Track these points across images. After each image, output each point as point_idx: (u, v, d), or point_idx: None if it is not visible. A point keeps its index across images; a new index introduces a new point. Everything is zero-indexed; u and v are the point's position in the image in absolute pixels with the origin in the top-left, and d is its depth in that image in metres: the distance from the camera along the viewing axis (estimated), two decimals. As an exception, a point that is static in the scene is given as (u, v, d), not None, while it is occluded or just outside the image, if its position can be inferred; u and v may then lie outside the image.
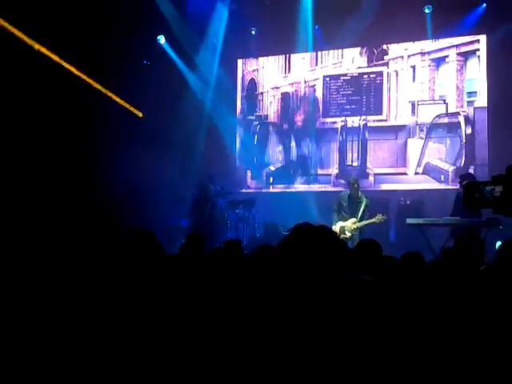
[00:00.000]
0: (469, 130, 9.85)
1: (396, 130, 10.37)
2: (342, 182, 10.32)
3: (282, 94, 11.40)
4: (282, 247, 2.70)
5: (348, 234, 7.98)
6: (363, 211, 8.05)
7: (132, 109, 10.87)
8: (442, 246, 6.81)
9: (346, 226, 8.01)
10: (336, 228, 8.03)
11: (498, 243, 7.41)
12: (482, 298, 2.82)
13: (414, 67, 10.33)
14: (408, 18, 9.68)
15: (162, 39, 11.12)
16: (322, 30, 10.48)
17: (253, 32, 11.04)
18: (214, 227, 9.47)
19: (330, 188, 10.69)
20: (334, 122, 10.85)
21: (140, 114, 10.96)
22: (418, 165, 10.17)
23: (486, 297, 2.81)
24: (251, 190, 11.30)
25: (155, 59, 11.11)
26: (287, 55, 11.32)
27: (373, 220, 7.97)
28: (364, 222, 7.99)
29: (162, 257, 3.90)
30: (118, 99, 10.58)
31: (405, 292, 3.10)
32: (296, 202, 10.27)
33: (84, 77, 9.99)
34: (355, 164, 10.61)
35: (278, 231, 9.41)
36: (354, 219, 8.03)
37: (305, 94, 11.19)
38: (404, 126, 10.31)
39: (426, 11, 9.85)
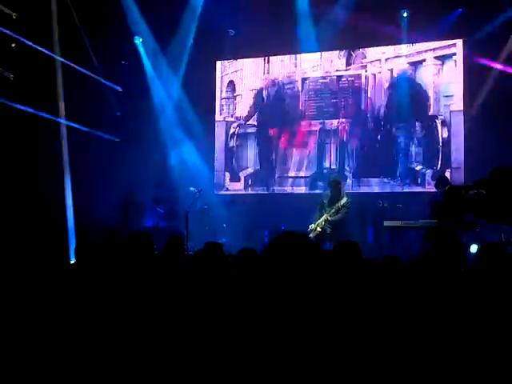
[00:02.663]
0: (445, 134, 9.96)
1: (374, 133, 10.45)
2: (321, 184, 10.37)
3: (260, 96, 11.39)
4: (266, 253, 2.71)
5: (318, 230, 7.99)
6: (337, 208, 8.02)
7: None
8: (419, 248, 6.87)
9: (318, 223, 8.04)
10: (314, 226, 8.06)
11: (473, 246, 7.53)
12: (463, 301, 2.85)
13: (391, 70, 10.42)
14: (385, 22, 9.78)
15: (139, 39, 11.07)
16: (301, 32, 10.49)
17: (231, 33, 11.00)
18: (193, 229, 9.46)
19: (307, 191, 10.73)
20: (313, 125, 10.88)
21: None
22: (395, 168, 10.25)
23: (468, 300, 2.84)
24: (230, 193, 11.29)
25: (133, 59, 11.12)
26: (266, 57, 11.33)
27: (323, 219, 7.98)
28: (324, 217, 7.97)
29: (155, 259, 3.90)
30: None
31: (386, 295, 3.12)
32: (274, 205, 10.31)
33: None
34: (333, 167, 10.65)
35: (257, 234, 9.42)
36: (325, 215, 8.03)
37: (283, 96, 11.21)
38: (381, 129, 10.40)
39: (404, 15, 9.94)
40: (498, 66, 9.31)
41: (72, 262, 5.52)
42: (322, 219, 8.02)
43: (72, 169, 10.17)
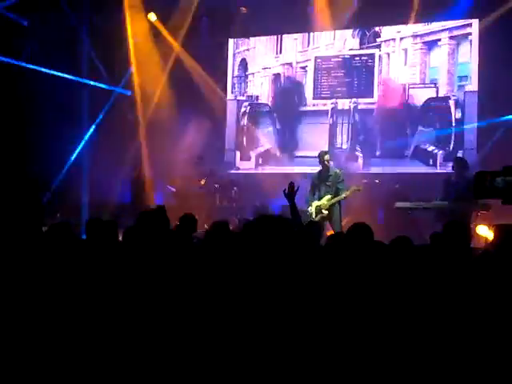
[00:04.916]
0: (458, 115, 9.86)
1: (386, 113, 10.36)
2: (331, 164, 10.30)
3: (273, 74, 11.31)
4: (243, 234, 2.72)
5: (325, 212, 7.74)
6: (336, 185, 7.80)
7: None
8: (430, 230, 6.84)
9: (321, 205, 7.77)
10: (312, 208, 7.83)
11: (481, 227, 7.49)
12: (477, 283, 2.84)
13: (405, 50, 10.29)
14: (401, 1, 9.64)
15: (152, 16, 10.99)
16: (316, 10, 10.38)
17: (243, 10, 10.88)
18: (203, 208, 9.50)
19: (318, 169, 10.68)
20: (325, 104, 10.81)
21: (128, 93, 10.92)
22: (407, 148, 10.18)
23: (482, 282, 2.83)
24: (240, 171, 11.28)
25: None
26: (279, 36, 11.22)
27: (347, 193, 7.70)
28: (338, 197, 7.72)
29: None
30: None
31: (396, 277, 3.12)
32: (285, 184, 10.26)
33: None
34: (344, 146, 10.60)
35: (267, 213, 9.38)
36: (328, 196, 7.79)
37: (296, 75, 11.12)
38: (394, 109, 10.30)
39: (419, -7, 9.78)
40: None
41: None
42: (324, 203, 7.79)
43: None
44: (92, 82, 10.33)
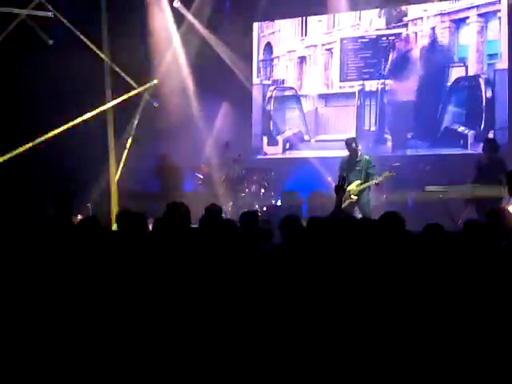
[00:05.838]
0: (489, 93, 9.65)
1: (414, 93, 10.19)
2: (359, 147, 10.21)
3: (298, 57, 11.21)
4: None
5: (354, 198, 7.64)
6: (366, 170, 7.69)
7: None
8: (461, 214, 6.75)
9: (350, 190, 7.61)
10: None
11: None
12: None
13: (433, 29, 10.09)
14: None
15: (177, 2, 10.95)
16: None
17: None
18: (233, 194, 9.57)
19: (346, 153, 10.58)
20: (352, 86, 10.69)
21: (156, 81, 10.96)
22: (437, 129, 10.02)
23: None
24: (268, 157, 11.26)
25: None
26: (304, 18, 11.09)
27: (380, 178, 7.57)
28: (369, 183, 7.62)
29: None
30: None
31: (427, 267, 3.09)
32: (312, 168, 10.24)
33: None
34: (373, 129, 10.49)
35: (295, 199, 9.39)
36: (357, 181, 7.67)
37: (322, 57, 11.01)
38: (422, 89, 10.13)
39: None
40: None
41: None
42: (354, 188, 7.65)
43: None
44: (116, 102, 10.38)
